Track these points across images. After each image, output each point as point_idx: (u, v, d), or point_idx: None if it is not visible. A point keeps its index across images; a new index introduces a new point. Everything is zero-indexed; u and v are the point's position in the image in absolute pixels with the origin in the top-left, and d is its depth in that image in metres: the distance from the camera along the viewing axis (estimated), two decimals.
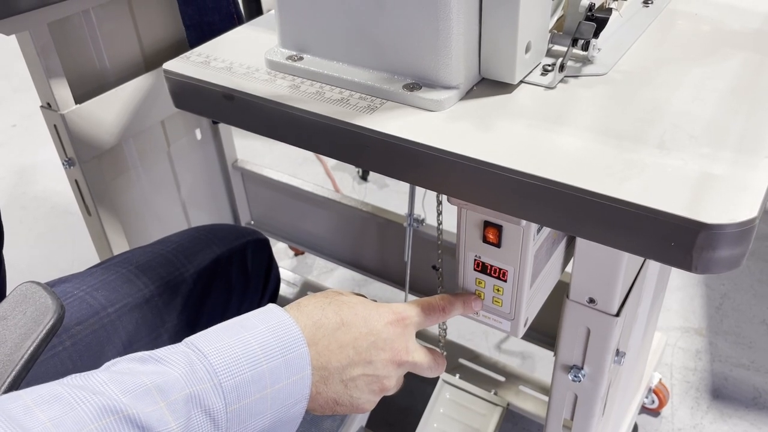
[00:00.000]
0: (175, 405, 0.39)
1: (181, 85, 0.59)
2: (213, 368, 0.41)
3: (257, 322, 0.45)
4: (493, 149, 0.46)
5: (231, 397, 0.41)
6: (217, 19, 0.78)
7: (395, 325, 0.51)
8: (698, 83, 0.52)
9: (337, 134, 0.51)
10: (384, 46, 0.53)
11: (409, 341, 0.52)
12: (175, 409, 0.39)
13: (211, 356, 0.42)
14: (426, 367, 0.54)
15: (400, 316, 0.52)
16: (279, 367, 0.44)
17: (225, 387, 0.41)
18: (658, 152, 0.45)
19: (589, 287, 0.59)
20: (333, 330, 0.48)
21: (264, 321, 0.46)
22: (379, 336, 0.50)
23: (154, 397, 0.38)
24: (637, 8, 0.64)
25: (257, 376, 0.42)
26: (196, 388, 0.40)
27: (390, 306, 0.53)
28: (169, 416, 0.38)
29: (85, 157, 0.96)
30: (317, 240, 1.25)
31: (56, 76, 0.89)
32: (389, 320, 0.51)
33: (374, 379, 0.50)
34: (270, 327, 0.45)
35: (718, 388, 1.23)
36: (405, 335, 0.52)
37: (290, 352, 0.45)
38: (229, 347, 0.43)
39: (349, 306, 0.50)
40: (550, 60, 0.55)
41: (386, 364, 0.50)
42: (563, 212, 0.43)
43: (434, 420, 0.97)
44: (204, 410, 0.40)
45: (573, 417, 0.70)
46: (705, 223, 0.39)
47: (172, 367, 0.40)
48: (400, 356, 0.51)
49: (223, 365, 0.42)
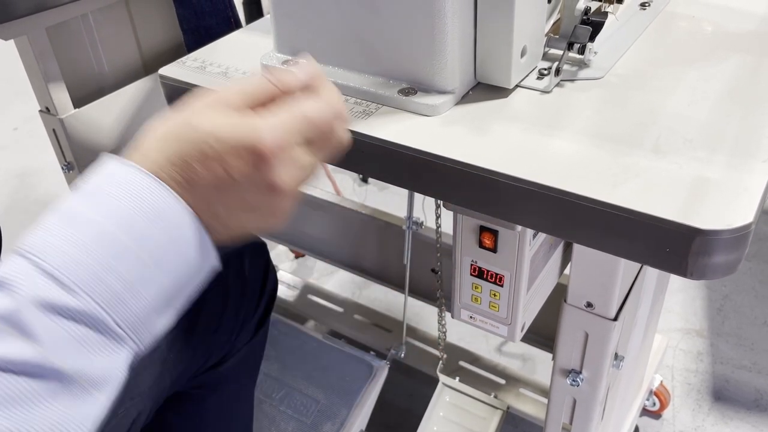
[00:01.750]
0: None
1: (177, 91, 0.59)
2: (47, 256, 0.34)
3: None
4: (488, 154, 0.46)
5: None
6: (215, 23, 0.78)
7: None
8: (694, 86, 0.52)
9: None
10: (379, 50, 0.52)
11: None
12: None
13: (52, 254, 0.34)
14: None
15: None
16: (162, 243, 0.36)
17: None
18: (653, 156, 0.45)
19: (586, 291, 0.59)
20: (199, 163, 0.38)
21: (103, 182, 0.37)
22: None
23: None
24: (633, 11, 0.63)
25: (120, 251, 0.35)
26: None
27: None
28: None
29: (84, 161, 0.96)
30: (317, 243, 1.25)
31: (55, 80, 0.89)
32: None
33: None
34: None
35: (720, 390, 1.22)
36: None
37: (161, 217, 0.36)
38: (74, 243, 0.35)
39: (199, 116, 0.40)
40: (546, 64, 0.55)
41: (249, 190, 0.38)
42: (558, 218, 0.43)
43: (434, 423, 0.96)
44: None
45: (572, 421, 0.70)
46: (700, 229, 0.38)
47: None
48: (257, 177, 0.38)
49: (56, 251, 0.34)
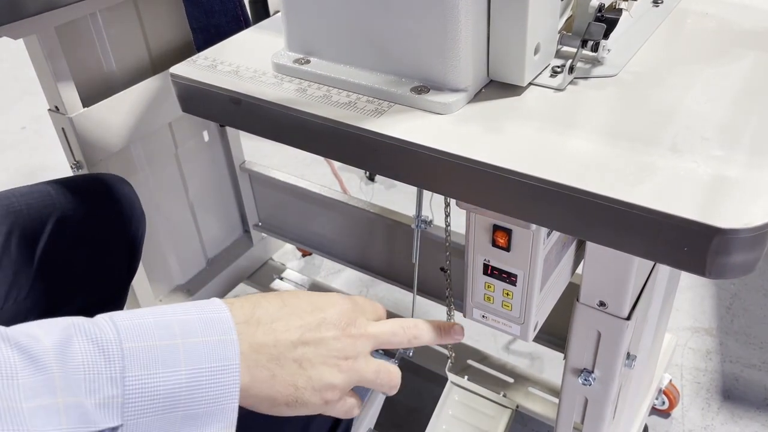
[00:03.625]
0: (52, 328, 0.36)
1: (188, 90, 0.59)
2: (110, 316, 0.39)
3: (181, 304, 0.43)
4: (502, 153, 0.45)
5: (127, 334, 0.38)
6: (224, 21, 0.78)
7: (341, 303, 0.48)
8: (710, 84, 0.52)
9: (345, 138, 0.51)
10: (391, 48, 0.52)
11: (359, 317, 0.48)
12: (49, 331, 0.36)
13: (113, 314, 0.39)
14: (388, 338, 0.49)
15: (345, 297, 0.49)
16: (192, 321, 0.40)
17: (120, 325, 0.38)
18: (670, 154, 0.44)
19: (599, 290, 0.59)
20: (275, 310, 0.45)
21: (190, 303, 0.43)
22: (325, 312, 0.47)
23: (31, 325, 0.37)
24: (647, 8, 0.63)
25: (163, 324, 0.39)
26: (82, 321, 0.37)
27: (337, 293, 0.50)
28: (42, 335, 0.36)
29: (93, 160, 0.96)
30: (325, 241, 1.25)
31: (64, 79, 0.89)
32: (335, 300, 0.48)
33: (330, 358, 0.46)
34: (192, 302, 0.43)
35: (729, 388, 1.22)
36: (355, 311, 0.48)
37: (207, 313, 0.41)
38: (135, 311, 0.40)
39: (291, 292, 0.48)
40: (560, 61, 0.55)
41: (339, 340, 0.46)
42: (574, 217, 0.43)
43: (443, 422, 0.96)
44: (89, 338, 0.37)
45: (583, 420, 0.70)
46: (719, 228, 0.38)
47: None
48: (350, 330, 0.47)
49: (122, 314, 0.39)
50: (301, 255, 1.56)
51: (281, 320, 0.45)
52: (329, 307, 0.47)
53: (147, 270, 1.13)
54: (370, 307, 0.51)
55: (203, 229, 1.26)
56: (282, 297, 0.47)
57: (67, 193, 0.75)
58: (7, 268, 0.69)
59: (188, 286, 1.25)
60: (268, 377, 0.43)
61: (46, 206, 0.73)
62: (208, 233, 1.28)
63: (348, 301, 0.49)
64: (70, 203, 0.74)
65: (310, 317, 0.46)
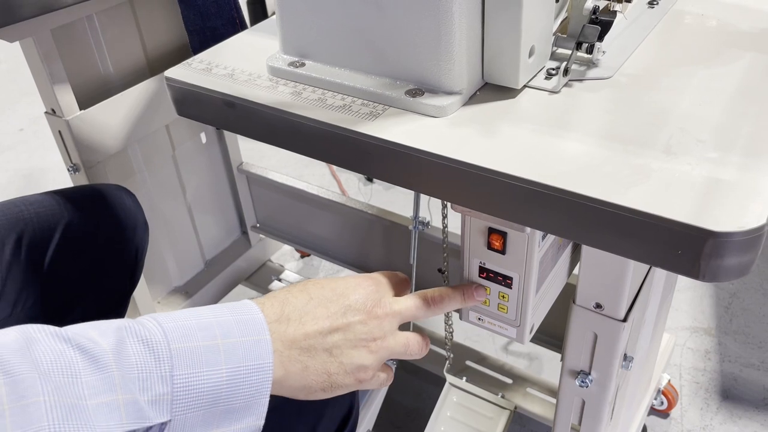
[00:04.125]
0: (106, 330, 0.39)
1: (183, 93, 0.59)
2: (154, 317, 0.42)
3: (215, 305, 0.45)
4: (496, 156, 0.45)
5: (173, 335, 0.40)
6: (220, 24, 0.77)
7: (364, 286, 0.50)
8: (705, 85, 0.52)
9: (340, 141, 0.51)
10: (386, 51, 0.52)
11: (384, 296, 0.51)
12: (104, 333, 0.39)
13: (154, 315, 0.42)
14: (413, 312, 0.52)
15: (367, 277, 0.51)
16: (229, 323, 0.43)
17: (166, 327, 0.41)
18: (664, 157, 0.44)
19: (595, 292, 0.59)
20: (302, 305, 0.48)
21: (223, 304, 0.46)
22: (349, 299, 0.49)
23: (85, 328, 0.39)
24: (642, 9, 0.63)
25: (204, 325, 0.42)
26: (131, 323, 0.40)
27: (358, 274, 0.52)
28: (98, 337, 0.38)
29: (90, 162, 0.96)
30: (323, 242, 1.25)
31: (60, 82, 0.89)
32: (357, 283, 0.51)
33: (359, 341, 0.49)
34: (225, 304, 0.45)
35: (728, 388, 1.22)
36: (378, 291, 0.51)
37: (241, 315, 0.44)
38: (174, 312, 0.43)
39: (315, 283, 0.50)
40: (555, 63, 0.55)
41: (365, 323, 0.49)
42: (568, 220, 0.43)
43: (441, 423, 0.96)
44: (141, 340, 0.39)
45: (581, 422, 0.70)
46: (713, 231, 0.38)
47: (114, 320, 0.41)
48: (375, 311, 0.50)
49: (164, 316, 0.42)
50: (300, 256, 1.56)
51: (309, 314, 0.47)
52: (352, 291, 0.50)
53: (145, 272, 1.12)
54: (393, 280, 0.54)
55: (201, 230, 1.26)
56: (307, 290, 0.49)
57: (75, 202, 0.77)
58: (17, 274, 0.70)
59: (186, 288, 1.25)
60: (301, 369, 0.46)
61: (54, 215, 0.74)
62: (206, 235, 1.28)
63: (371, 282, 0.51)
64: (77, 213, 0.76)
65: (335, 306, 0.49)
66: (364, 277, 0.52)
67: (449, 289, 0.55)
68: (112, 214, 0.80)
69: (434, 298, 0.53)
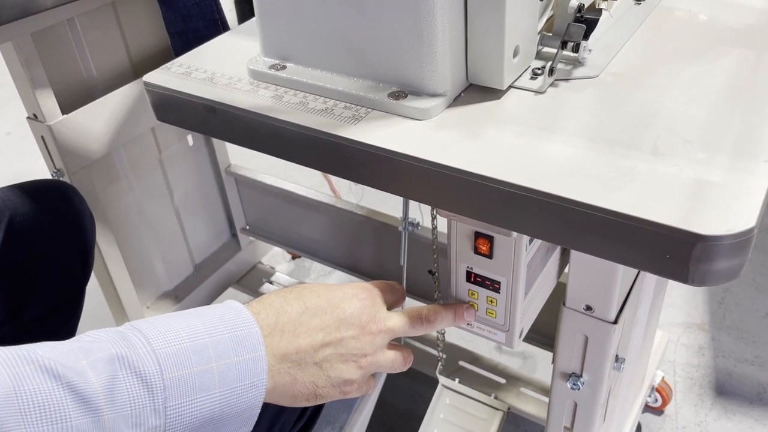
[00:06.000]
0: (97, 363, 0.38)
1: (162, 98, 0.57)
2: (146, 338, 0.40)
3: (208, 311, 0.45)
4: (481, 159, 0.44)
5: (166, 364, 0.40)
6: (202, 26, 0.76)
7: (360, 298, 0.50)
8: (692, 84, 0.51)
9: (321, 146, 0.49)
10: (367, 53, 0.51)
11: (379, 311, 0.51)
12: (95, 366, 0.38)
13: (146, 330, 0.41)
14: (405, 330, 0.53)
15: (364, 289, 0.51)
16: (224, 342, 0.42)
17: (159, 354, 0.40)
18: (651, 158, 0.43)
19: (585, 295, 0.58)
20: (298, 315, 0.48)
21: (215, 309, 0.45)
22: (344, 311, 0.49)
23: (76, 355, 0.38)
24: (628, 6, 0.62)
25: (199, 348, 0.41)
26: (125, 350, 0.39)
27: (355, 283, 0.52)
28: (89, 372, 0.38)
29: (74, 167, 0.95)
30: (313, 244, 1.24)
31: (42, 86, 0.88)
32: (354, 294, 0.50)
33: (350, 356, 0.49)
34: (219, 313, 0.44)
35: (722, 384, 1.21)
36: (374, 305, 0.51)
37: (238, 330, 0.44)
38: (167, 324, 0.42)
39: (311, 290, 0.50)
40: (540, 63, 0.54)
41: (358, 339, 0.49)
42: (554, 224, 0.42)
43: (434, 425, 0.95)
44: (135, 372, 0.39)
45: (573, 424, 0.69)
46: (701, 235, 0.37)
47: (104, 335, 0.40)
48: (369, 327, 0.50)
49: (157, 335, 0.41)
50: (291, 257, 1.55)
51: (303, 325, 0.47)
52: (348, 303, 0.50)
53: (133, 277, 1.11)
54: (389, 292, 0.54)
55: (190, 234, 1.24)
56: (303, 297, 0.49)
57: (16, 197, 0.76)
58: None
59: (176, 293, 1.24)
60: (290, 381, 0.46)
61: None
62: (195, 238, 1.26)
63: (367, 294, 0.51)
64: (20, 208, 0.75)
65: (329, 317, 0.48)
66: (361, 288, 0.52)
67: (441, 307, 0.56)
68: (55, 207, 0.78)
69: (427, 317, 0.54)
